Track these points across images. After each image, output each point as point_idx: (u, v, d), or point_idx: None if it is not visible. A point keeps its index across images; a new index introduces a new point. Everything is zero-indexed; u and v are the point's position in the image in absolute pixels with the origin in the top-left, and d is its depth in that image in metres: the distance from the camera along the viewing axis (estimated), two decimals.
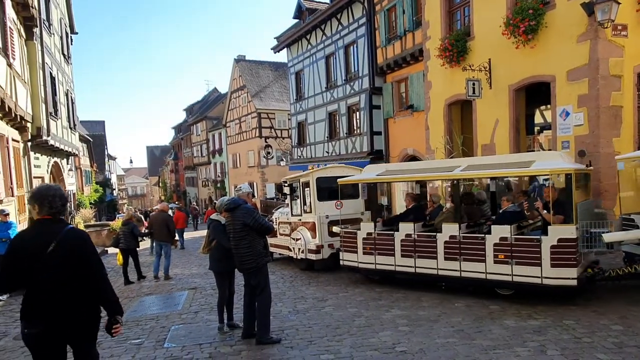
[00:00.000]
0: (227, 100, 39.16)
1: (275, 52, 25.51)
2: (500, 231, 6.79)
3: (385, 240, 8.11)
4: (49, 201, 3.09)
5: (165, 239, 10.64)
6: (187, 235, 19.65)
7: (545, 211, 7.01)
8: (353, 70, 19.01)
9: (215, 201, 38.66)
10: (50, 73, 15.23)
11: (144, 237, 12.44)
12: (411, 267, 7.78)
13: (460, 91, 12.12)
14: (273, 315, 6.57)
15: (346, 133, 19.55)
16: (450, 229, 7.29)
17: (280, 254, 11.74)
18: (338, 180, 9.29)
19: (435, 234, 7.51)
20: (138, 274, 10.82)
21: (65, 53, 19.04)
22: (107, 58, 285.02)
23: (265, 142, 30.56)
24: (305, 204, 10.51)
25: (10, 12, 11.08)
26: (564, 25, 9.80)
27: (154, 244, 11.25)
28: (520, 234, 6.97)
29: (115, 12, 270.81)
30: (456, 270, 7.18)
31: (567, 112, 9.87)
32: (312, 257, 9.95)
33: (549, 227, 6.54)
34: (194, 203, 46.55)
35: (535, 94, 11.54)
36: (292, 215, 11.02)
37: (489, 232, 6.97)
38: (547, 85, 10.45)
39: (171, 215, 12.25)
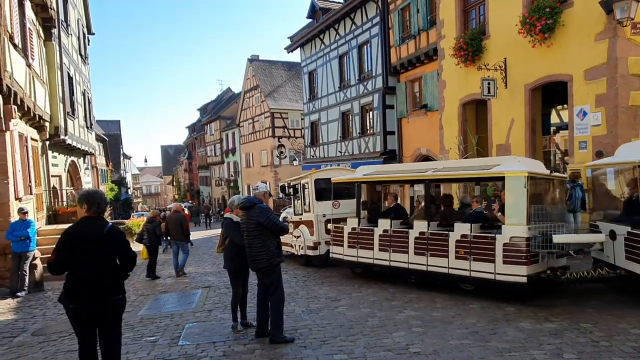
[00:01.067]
0: (241, 100, 39.37)
1: (288, 52, 25.60)
2: (462, 229, 7.16)
3: (366, 235, 8.62)
4: (97, 203, 3.81)
5: (180, 237, 11.04)
6: (200, 234, 19.82)
7: (500, 213, 7.39)
8: (366, 70, 18.97)
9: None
10: (68, 73, 15.48)
11: (164, 237, 12.78)
12: (387, 260, 8.28)
13: (475, 91, 12.02)
14: (286, 314, 6.57)
15: (359, 133, 19.51)
16: (420, 226, 7.72)
17: (286, 251, 11.85)
18: (332, 179, 9.80)
19: (407, 230, 7.96)
20: (152, 272, 10.99)
21: (83, 53, 19.33)
22: (121, 58, 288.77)
23: (279, 141, 30.67)
24: (305, 203, 11.11)
25: (29, 14, 11.28)
26: (581, 24, 9.66)
27: (171, 243, 11.62)
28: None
29: (130, 12, 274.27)
30: (424, 265, 7.62)
31: (585, 111, 9.72)
32: (310, 253, 10.68)
33: (502, 226, 6.89)
34: (207, 202, 46.96)
35: (551, 94, 11.40)
36: (294, 214, 11.67)
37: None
38: (563, 84, 10.31)
39: (184, 215, 12.55)
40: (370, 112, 18.80)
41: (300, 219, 11.17)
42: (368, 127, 19.19)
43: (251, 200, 5.47)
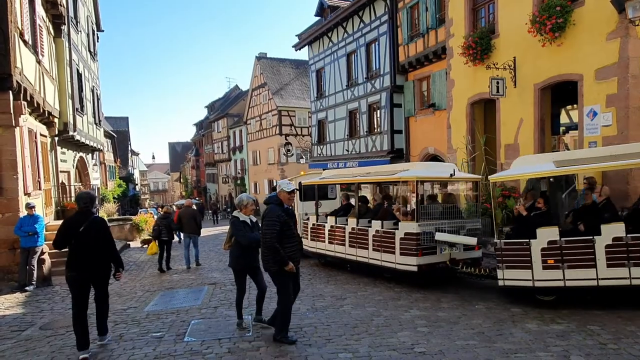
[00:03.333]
0: (248, 98, 39.42)
1: (296, 50, 25.55)
2: (376, 225, 8.66)
3: (319, 230, 10.41)
4: (83, 202, 5.33)
5: (194, 231, 11.75)
6: (206, 231, 19.81)
7: (399, 212, 8.65)
8: (374, 68, 18.90)
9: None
10: (77, 70, 15.57)
11: (176, 231, 13.36)
12: (332, 251, 9.92)
13: (484, 90, 11.93)
14: (292, 312, 6.59)
15: (366, 131, 19.46)
16: (353, 222, 9.31)
17: None
18: (301, 182, 11.38)
19: (344, 226, 9.52)
20: (167, 264, 11.55)
21: (92, 50, 19.45)
22: (129, 55, 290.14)
23: (286, 139, 30.68)
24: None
25: (39, 10, 11.36)
26: (592, 23, 9.54)
27: (183, 236, 12.35)
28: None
29: (138, 10, 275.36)
30: (354, 255, 9.20)
31: (595, 112, 9.61)
32: None
33: (399, 223, 8.25)
34: (214, 199, 47.10)
35: (561, 93, 11.27)
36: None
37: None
38: (573, 84, 10.19)
39: (197, 210, 13.30)
40: (378, 111, 18.74)
41: None
42: (375, 126, 19.13)
43: (270, 199, 5.40)
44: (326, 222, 10.15)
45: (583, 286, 6.20)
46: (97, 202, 5.99)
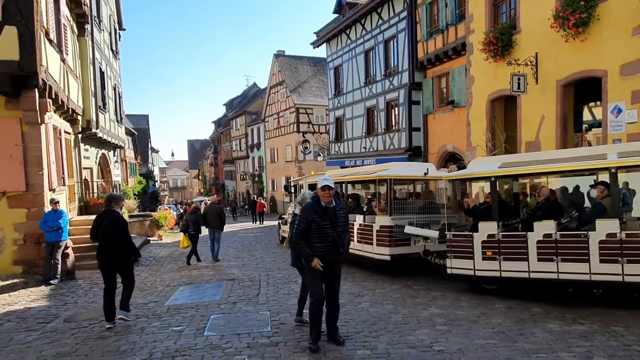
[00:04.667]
0: (266, 95, 39.60)
1: (314, 47, 25.56)
2: (358, 219, 9.79)
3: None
4: (106, 202, 6.40)
5: (218, 227, 12.17)
6: (226, 227, 19.98)
7: (377, 208, 9.50)
8: (392, 65, 18.79)
9: (253, 195, 39.30)
10: (100, 68, 15.86)
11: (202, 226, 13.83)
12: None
13: (504, 86, 11.77)
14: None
15: (384, 129, 19.38)
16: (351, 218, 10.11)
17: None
18: (307, 181, 12.77)
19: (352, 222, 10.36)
20: (196, 256, 12.07)
21: (114, 49, 19.78)
22: (149, 54, 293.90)
23: (303, 137, 30.72)
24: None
25: (64, 10, 11.60)
26: (618, 18, 9.32)
27: (208, 231, 12.69)
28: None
29: (157, 8, 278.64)
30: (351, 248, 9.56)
31: (620, 108, 9.40)
32: None
33: (375, 217, 9.27)
34: (232, 196, 47.49)
35: (584, 90, 11.06)
36: (293, 208, 14.51)
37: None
38: (597, 80, 9.98)
39: (222, 207, 14.18)
40: (396, 108, 18.63)
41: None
42: (393, 123, 19.03)
43: (309, 197, 5.29)
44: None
45: (516, 277, 6.76)
46: (120, 201, 6.66)
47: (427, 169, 9.72)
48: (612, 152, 6.50)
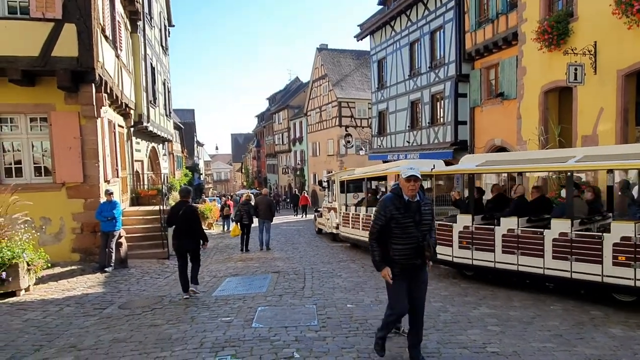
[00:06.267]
0: (309, 89, 39.67)
1: (358, 40, 25.28)
2: (366, 211, 11.41)
3: (347, 217, 13.11)
4: (182, 194, 7.68)
5: (269, 217, 13.13)
6: None
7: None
8: (438, 57, 18.31)
9: (295, 189, 39.58)
10: (151, 63, 16.37)
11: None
12: (352, 234, 12.70)
13: (559, 77, 11.20)
14: (355, 303, 6.58)
15: (429, 122, 18.95)
16: (363, 210, 12.12)
17: (319, 229, 17.40)
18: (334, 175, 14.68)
19: (358, 213, 12.31)
20: (246, 246, 12.91)
21: (164, 45, 20.36)
22: (196, 50, 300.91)
23: (346, 131, 30.55)
24: (333, 194, 15.18)
25: (118, 7, 12.02)
26: None
27: (258, 222, 13.49)
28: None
29: (203, 5, 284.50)
30: (364, 237, 10.21)
31: None
32: (334, 231, 14.67)
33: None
34: (275, 190, 48.04)
35: None
36: (328, 202, 15.90)
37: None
38: None
39: (272, 199, 15.76)
40: (441, 101, 18.16)
41: (331, 206, 15.36)
42: (438, 117, 18.56)
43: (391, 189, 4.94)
44: (351, 211, 12.78)
45: (485, 266, 7.59)
46: (190, 194, 7.77)
47: (434, 165, 9.68)
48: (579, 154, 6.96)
